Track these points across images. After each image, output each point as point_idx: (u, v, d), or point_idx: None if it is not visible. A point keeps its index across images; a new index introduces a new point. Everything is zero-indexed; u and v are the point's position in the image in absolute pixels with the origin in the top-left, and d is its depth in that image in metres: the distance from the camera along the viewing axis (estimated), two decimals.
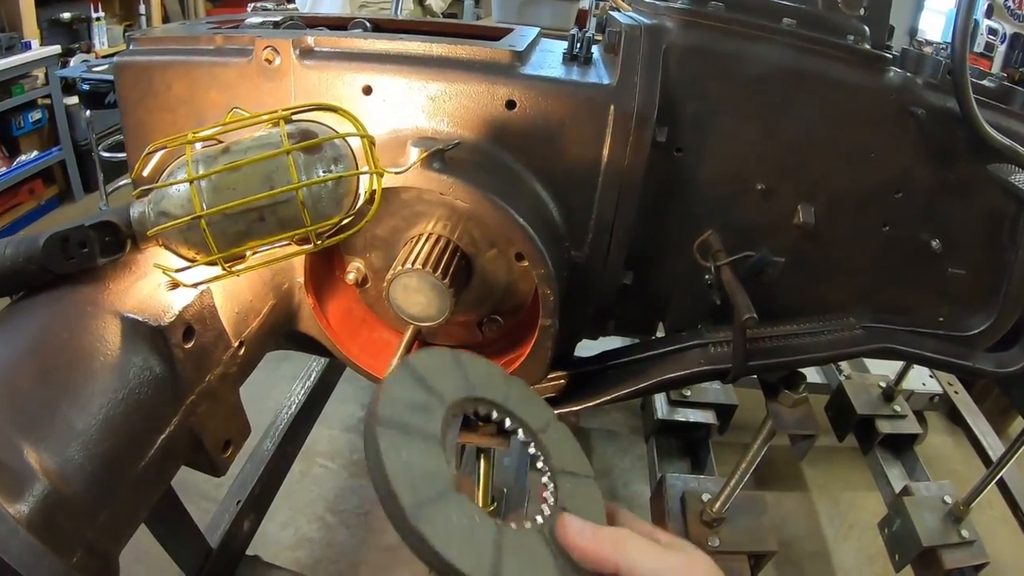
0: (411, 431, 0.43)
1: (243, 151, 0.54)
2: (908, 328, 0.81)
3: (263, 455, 1.23)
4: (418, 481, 0.40)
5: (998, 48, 2.67)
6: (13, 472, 0.46)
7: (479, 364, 0.52)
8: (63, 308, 0.55)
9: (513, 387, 0.53)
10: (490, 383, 0.51)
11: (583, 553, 0.42)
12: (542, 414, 0.53)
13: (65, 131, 2.94)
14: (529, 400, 0.53)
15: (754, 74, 0.71)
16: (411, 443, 0.42)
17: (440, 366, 0.49)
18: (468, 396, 0.49)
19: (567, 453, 0.51)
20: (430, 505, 0.40)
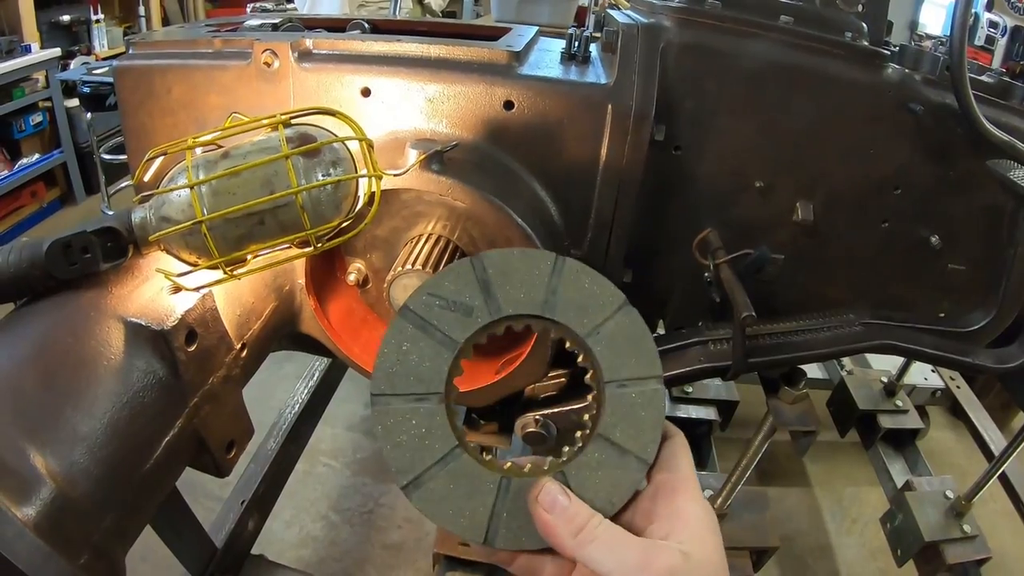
0: (430, 330, 0.42)
1: (243, 156, 0.55)
2: (908, 324, 0.81)
3: (267, 455, 1.24)
4: (398, 380, 0.41)
5: (999, 41, 2.66)
6: (20, 476, 0.47)
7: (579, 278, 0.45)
8: (67, 313, 0.56)
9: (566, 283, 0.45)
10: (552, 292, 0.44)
11: (545, 530, 0.40)
12: (597, 308, 0.45)
13: (66, 133, 2.96)
14: (584, 290, 0.45)
15: (751, 71, 0.71)
16: (422, 341, 0.42)
17: (524, 270, 0.44)
18: (540, 314, 0.44)
19: (623, 352, 0.44)
20: (397, 398, 0.41)
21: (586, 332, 0.44)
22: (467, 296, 0.43)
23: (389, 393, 0.42)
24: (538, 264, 0.45)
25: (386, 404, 0.41)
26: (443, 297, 0.43)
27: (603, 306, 0.46)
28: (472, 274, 0.44)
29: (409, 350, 0.42)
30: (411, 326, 0.42)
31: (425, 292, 0.43)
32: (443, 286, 0.43)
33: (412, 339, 0.42)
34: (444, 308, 0.43)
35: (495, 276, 0.43)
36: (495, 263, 0.44)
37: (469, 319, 0.43)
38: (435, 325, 0.43)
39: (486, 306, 0.43)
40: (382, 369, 0.42)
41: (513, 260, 0.44)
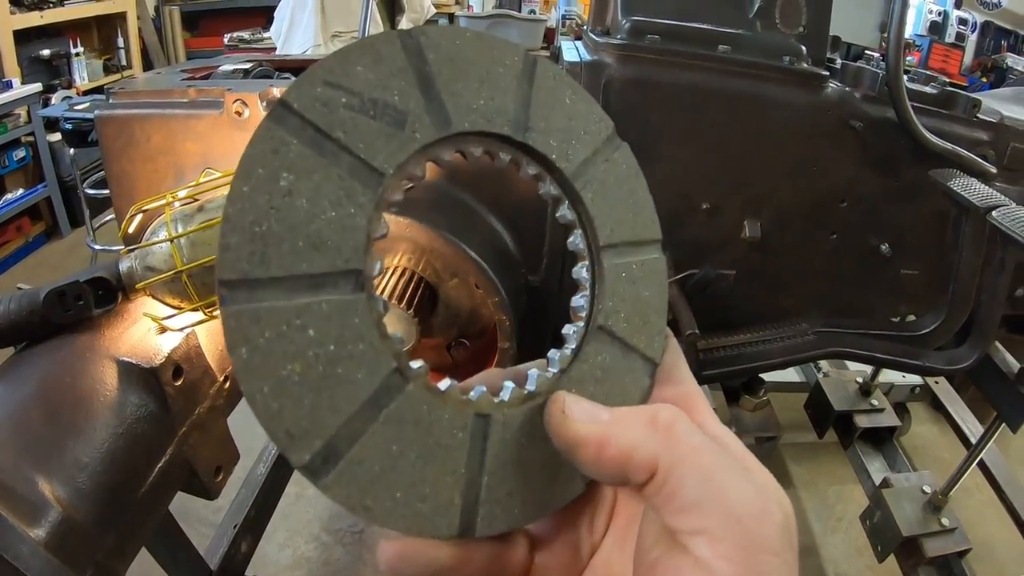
0: (331, 152, 0.26)
1: (216, 209, 0.65)
2: (860, 331, 0.90)
3: (257, 479, 1.35)
4: (274, 248, 0.24)
5: (969, 37, 2.75)
6: (30, 501, 0.58)
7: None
8: (64, 355, 0.66)
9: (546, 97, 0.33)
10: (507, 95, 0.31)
11: (596, 456, 0.27)
12: (583, 136, 0.34)
13: (50, 168, 3.10)
14: (565, 109, 0.33)
15: (692, 101, 0.81)
16: (319, 172, 0.25)
17: (483, 64, 0.30)
18: (459, 131, 0.30)
19: (618, 203, 0.34)
20: (275, 287, 0.24)
21: (573, 170, 0.33)
22: (395, 92, 0.27)
23: (258, 277, 0.24)
24: (503, 58, 0.31)
25: (253, 300, 0.24)
26: (353, 91, 0.26)
27: (590, 133, 0.34)
28: (403, 56, 0.28)
29: (294, 187, 0.25)
30: (296, 141, 0.25)
31: (321, 79, 0.26)
32: (353, 73, 0.27)
33: (298, 165, 0.25)
34: (356, 111, 0.26)
35: (439, 66, 0.29)
36: (438, 47, 0.29)
37: (400, 133, 0.27)
38: (340, 141, 0.26)
39: (426, 112, 0.28)
40: (240, 227, 0.24)
41: (467, 47, 0.30)
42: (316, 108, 0.26)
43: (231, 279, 0.23)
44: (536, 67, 0.33)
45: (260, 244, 0.24)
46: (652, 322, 0.34)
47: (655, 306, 0.34)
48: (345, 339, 0.25)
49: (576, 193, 0.33)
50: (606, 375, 0.32)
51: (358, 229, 0.26)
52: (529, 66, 0.32)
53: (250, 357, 0.23)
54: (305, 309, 0.24)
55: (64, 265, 2.99)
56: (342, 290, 0.25)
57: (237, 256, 0.24)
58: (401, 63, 0.28)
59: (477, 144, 0.31)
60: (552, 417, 0.29)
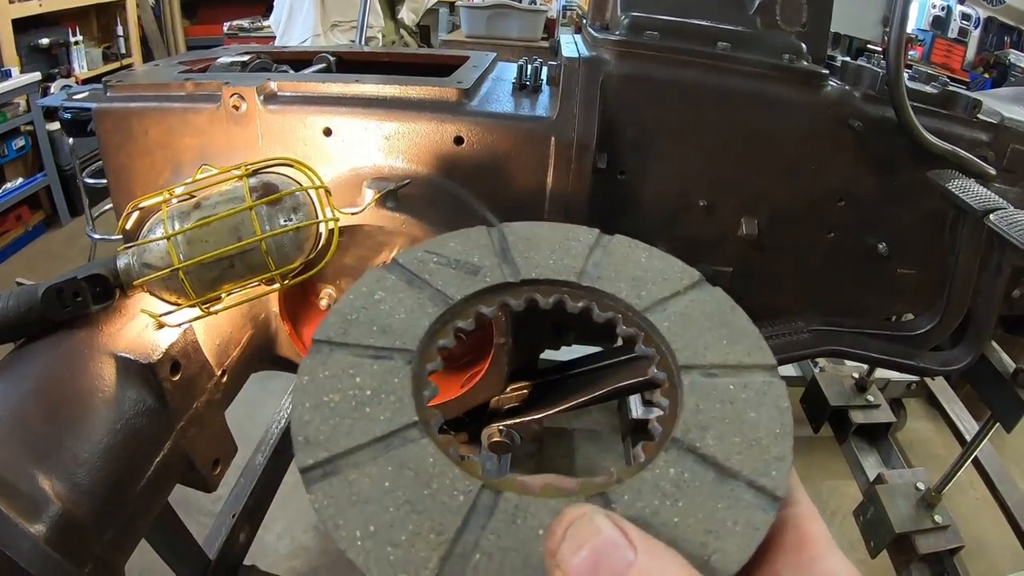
0: (418, 284, 0.34)
1: (212, 206, 0.66)
2: (855, 330, 0.90)
3: (255, 469, 1.36)
4: (355, 328, 0.32)
5: (972, 33, 2.74)
6: (30, 498, 0.58)
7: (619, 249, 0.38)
8: (63, 352, 0.67)
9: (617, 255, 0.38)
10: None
11: None
12: (661, 282, 0.37)
13: (49, 157, 3.11)
14: (640, 265, 0.37)
15: (689, 98, 0.81)
16: (403, 293, 0.34)
17: (555, 240, 0.37)
18: (526, 279, 0.36)
19: (705, 330, 0.35)
20: (345, 348, 0.32)
21: (645, 306, 0.35)
22: (476, 255, 0.36)
23: (337, 341, 0.32)
24: (577, 235, 0.38)
25: (326, 353, 0.31)
26: (444, 255, 0.36)
27: (669, 280, 0.37)
28: (487, 236, 0.36)
29: (383, 300, 0.33)
30: (393, 277, 0.34)
31: (423, 248, 0.36)
32: (447, 246, 0.36)
33: (391, 289, 0.34)
34: (443, 265, 0.35)
35: (516, 241, 0.36)
36: (517, 231, 0.37)
37: (473, 278, 0.35)
38: (426, 280, 0.34)
39: (500, 267, 0.35)
40: (338, 314, 0.33)
41: (543, 230, 0.37)
42: (414, 262, 0.35)
43: (320, 339, 0.32)
44: (610, 240, 0.39)
45: (346, 325, 0.33)
46: (763, 445, 0.29)
47: (767, 429, 0.30)
48: (381, 389, 0.30)
49: (651, 325, 0.35)
50: (681, 492, 0.27)
51: (421, 327, 0.33)
52: (603, 240, 0.38)
53: (308, 384, 0.30)
54: (359, 364, 0.31)
55: (63, 254, 2.99)
56: (395, 360, 0.31)
57: (329, 327, 0.32)
58: (485, 240, 0.36)
59: (548, 292, 0.36)
60: (550, 537, 0.24)
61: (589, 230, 0.38)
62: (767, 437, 0.30)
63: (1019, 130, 0.90)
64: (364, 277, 0.34)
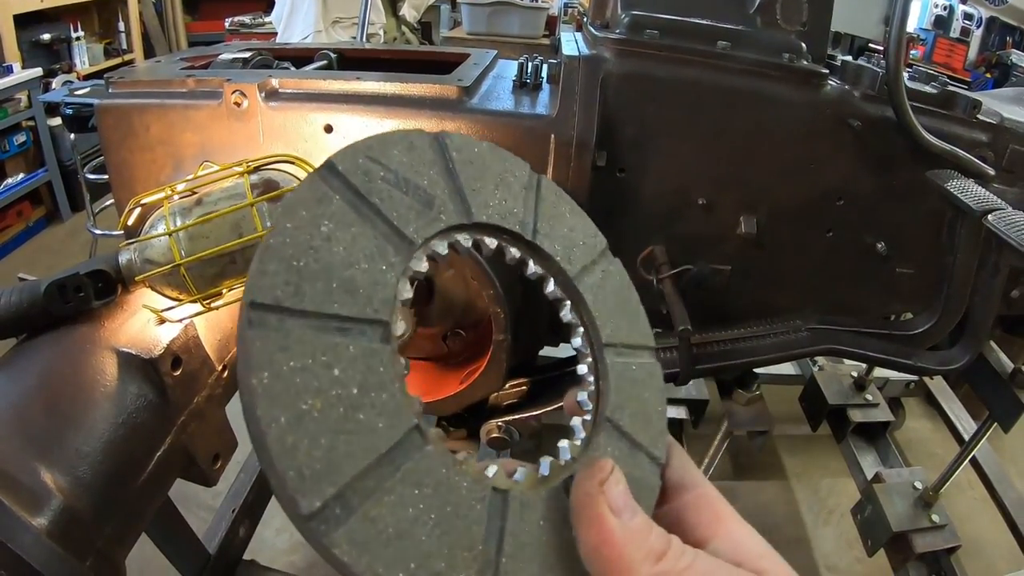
0: (368, 214, 0.28)
1: (214, 202, 0.66)
2: (853, 329, 0.91)
3: (255, 464, 1.36)
4: (309, 282, 0.25)
5: (974, 33, 2.74)
6: (32, 491, 0.59)
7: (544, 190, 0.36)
8: (65, 346, 0.67)
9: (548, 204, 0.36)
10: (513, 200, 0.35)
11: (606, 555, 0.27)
12: (580, 248, 0.37)
13: (50, 152, 3.11)
14: (566, 221, 0.37)
15: (689, 97, 0.81)
16: (357, 227, 0.27)
17: (496, 171, 0.34)
18: (478, 221, 0.33)
19: (613, 309, 0.36)
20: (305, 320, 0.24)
21: (575, 274, 0.35)
22: (425, 177, 0.31)
23: (290, 307, 0.24)
24: (513, 169, 0.35)
25: (283, 328, 0.23)
26: (390, 168, 0.29)
27: (588, 246, 0.37)
28: (432, 151, 0.32)
29: (333, 235, 0.26)
30: (338, 197, 0.27)
31: (364, 154, 0.29)
32: (390, 154, 0.30)
33: (339, 218, 0.27)
34: (392, 185, 0.29)
35: (461, 165, 0.32)
36: (460, 147, 0.33)
37: (429, 212, 0.30)
38: (378, 207, 0.28)
39: (451, 201, 0.31)
40: (280, 257, 0.24)
41: (483, 153, 0.34)
42: (358, 175, 0.29)
43: (263, 302, 0.23)
44: (540, 182, 0.36)
45: (296, 277, 0.24)
46: (654, 423, 0.35)
47: (655, 408, 0.35)
48: (369, 386, 0.24)
49: (579, 295, 0.35)
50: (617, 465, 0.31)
51: (388, 285, 0.27)
52: (534, 181, 0.36)
53: (271, 383, 0.22)
54: (332, 348, 0.24)
55: (65, 249, 3.00)
56: (369, 338, 0.25)
57: (272, 283, 0.24)
58: (430, 156, 0.32)
59: (492, 237, 0.34)
60: (584, 483, 0.29)
61: (522, 164, 0.36)
62: (654, 415, 0.35)
63: (1018, 131, 0.91)
64: (299, 191, 0.26)
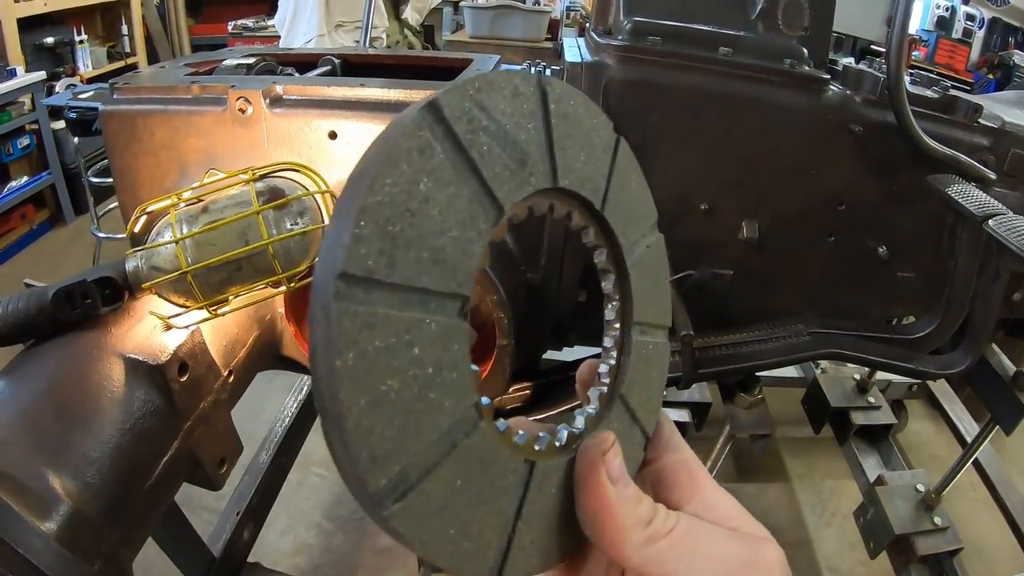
0: (467, 169, 0.26)
1: (220, 210, 0.67)
2: (855, 332, 0.91)
3: (259, 467, 1.37)
4: (402, 253, 0.23)
5: (976, 34, 2.74)
6: (41, 496, 0.59)
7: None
8: (72, 352, 0.68)
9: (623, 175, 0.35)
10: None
11: (602, 519, 0.29)
12: (637, 220, 0.36)
13: (54, 155, 3.11)
14: (631, 191, 0.36)
15: (691, 103, 0.82)
16: (454, 185, 0.25)
17: (585, 131, 0.32)
18: (561, 186, 0.31)
19: (649, 286, 0.36)
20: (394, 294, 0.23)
21: (627, 246, 0.35)
22: (523, 133, 0.28)
23: (381, 279, 0.22)
24: (599, 128, 0.33)
25: (370, 304, 0.22)
26: (494, 118, 0.27)
27: (643, 219, 0.36)
28: (534, 101, 0.29)
29: (431, 195, 0.24)
30: (440, 148, 0.25)
31: (470, 97, 0.27)
32: (495, 100, 0.28)
33: (438, 175, 0.25)
34: (492, 137, 0.27)
35: (557, 119, 0.30)
36: (560, 98, 0.31)
37: (521, 173, 0.28)
38: (476, 163, 0.26)
39: (543, 161, 0.29)
40: (376, 219, 0.22)
41: (578, 106, 0.32)
42: (463, 122, 0.26)
43: (355, 274, 0.22)
44: (619, 146, 0.35)
45: (390, 245, 0.22)
46: (653, 401, 0.36)
47: (657, 387, 0.36)
48: (443, 364, 0.24)
49: (626, 270, 0.34)
50: (620, 440, 0.32)
51: (474, 256, 0.26)
52: (613, 143, 0.35)
53: (356, 364, 0.21)
54: (416, 325, 0.23)
55: (69, 252, 3.01)
56: (449, 313, 0.24)
57: (367, 251, 0.22)
58: (532, 106, 0.29)
59: (565, 202, 0.32)
60: (589, 452, 0.30)
61: (606, 122, 0.34)
62: (655, 394, 0.36)
63: (1020, 134, 0.91)
64: (404, 140, 0.23)
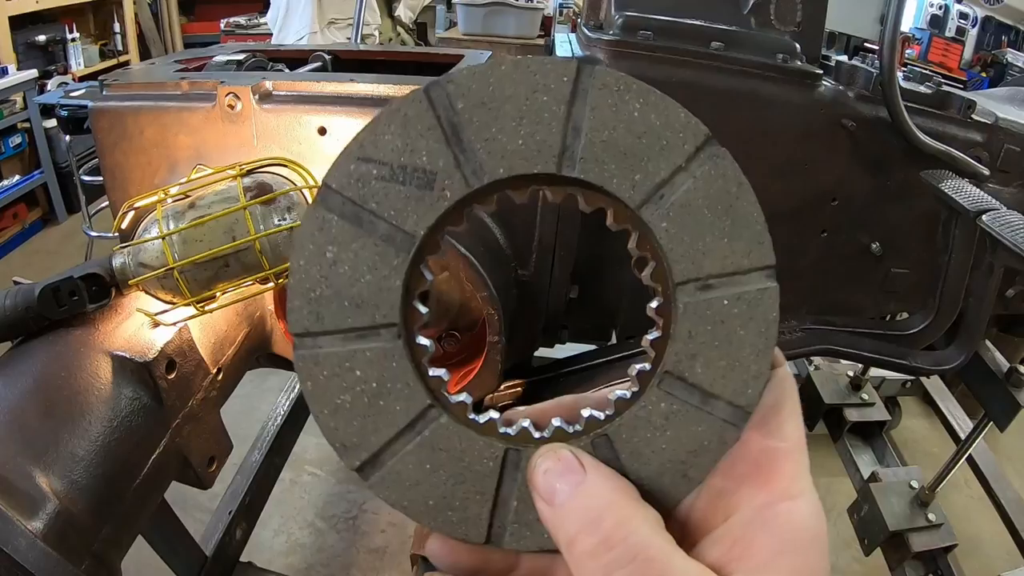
0: (367, 222, 0.29)
1: (207, 206, 0.66)
2: (848, 329, 0.91)
3: (252, 466, 1.36)
4: (327, 308, 0.29)
5: (969, 32, 2.76)
6: (28, 495, 0.59)
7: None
8: (59, 350, 0.68)
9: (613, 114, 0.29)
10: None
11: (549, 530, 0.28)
12: (660, 151, 0.30)
13: (46, 154, 3.11)
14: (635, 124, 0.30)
15: (683, 98, 0.81)
16: (357, 242, 0.29)
17: (520, 95, 0.29)
18: (494, 179, 0.29)
19: (707, 226, 0.30)
20: (329, 338, 0.29)
21: (641, 198, 0.29)
22: (423, 153, 0.28)
23: (317, 331, 0.29)
24: (546, 82, 0.29)
25: (314, 348, 0.29)
26: (383, 161, 0.28)
27: (669, 149, 0.30)
28: (430, 114, 0.28)
29: (337, 257, 0.29)
30: (336, 217, 0.29)
31: (356, 155, 0.29)
32: (382, 141, 0.28)
33: (339, 239, 0.29)
34: (388, 180, 0.28)
35: (470, 113, 0.28)
36: (469, 91, 0.28)
37: (430, 194, 0.28)
38: (373, 211, 0.29)
39: (457, 167, 0.28)
40: (300, 292, 0.29)
41: (502, 82, 0.28)
42: (351, 184, 0.29)
43: (297, 332, 0.30)
44: (590, 81, 0.29)
45: (315, 306, 0.30)
46: (744, 365, 0.29)
47: (752, 345, 0.29)
48: (385, 379, 0.30)
49: (644, 224, 0.29)
50: (670, 424, 0.29)
51: (393, 289, 0.29)
52: (581, 84, 0.29)
53: (314, 389, 0.30)
54: (353, 355, 0.30)
55: (61, 251, 3.00)
56: (384, 339, 0.30)
57: (300, 316, 0.30)
58: (429, 121, 0.28)
59: (521, 188, 0.30)
60: (529, 470, 0.29)
61: (561, 67, 0.28)
62: (750, 355, 0.29)
63: (1013, 130, 0.91)
64: (305, 226, 0.29)
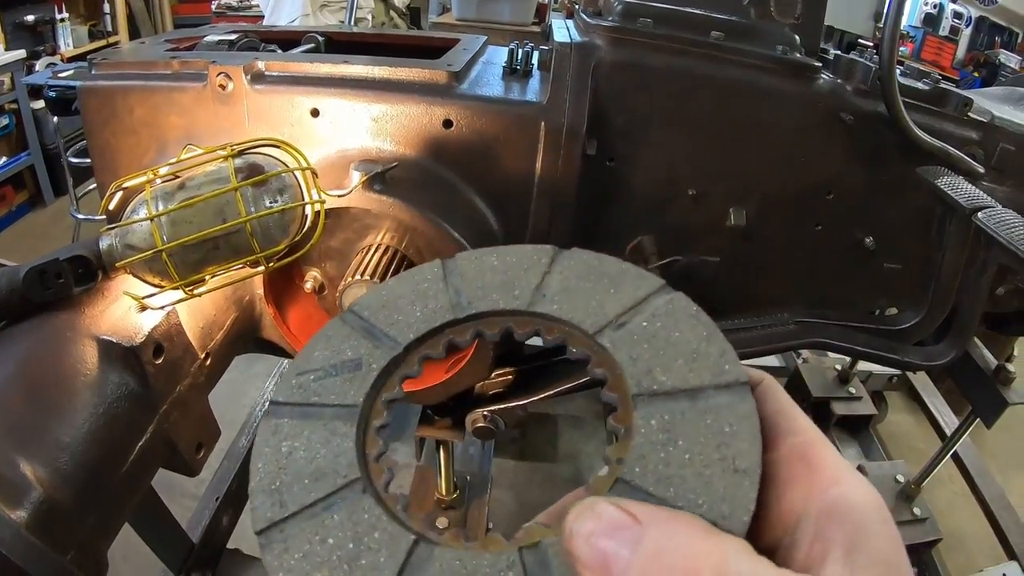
0: (314, 413, 0.33)
1: (197, 187, 0.65)
2: (841, 323, 0.91)
3: (239, 452, 1.36)
4: (288, 492, 0.31)
5: (963, 31, 2.77)
6: (12, 483, 0.58)
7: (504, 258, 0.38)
8: (44, 334, 0.66)
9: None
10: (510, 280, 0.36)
11: None
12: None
13: (33, 136, 3.06)
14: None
15: (681, 87, 0.81)
16: (307, 429, 0.33)
17: (395, 296, 0.38)
18: (453, 319, 0.36)
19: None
20: (295, 520, 0.30)
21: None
22: (348, 350, 0.35)
23: (281, 518, 0.30)
24: (422, 275, 0.38)
25: (282, 537, 0.29)
26: (317, 368, 0.35)
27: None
28: (344, 327, 0.36)
29: (292, 449, 0.32)
30: (286, 421, 0.33)
31: (294, 374, 0.35)
32: (313, 358, 0.36)
33: (291, 433, 0.33)
34: (324, 377, 0.35)
35: (374, 314, 0.37)
36: (368, 304, 0.38)
37: (359, 372, 0.35)
38: (317, 402, 0.34)
39: (375, 348, 0.35)
40: (261, 490, 0.31)
41: (393, 290, 0.38)
42: (295, 393, 0.34)
43: (262, 528, 0.30)
44: (455, 267, 0.38)
45: (277, 496, 0.31)
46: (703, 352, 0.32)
47: (696, 337, 0.32)
48: (360, 534, 0.29)
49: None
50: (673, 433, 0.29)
51: (347, 451, 0.32)
52: (449, 276, 0.38)
53: (288, 574, 0.29)
54: (320, 526, 0.30)
55: (48, 234, 2.95)
56: (350, 497, 0.30)
57: (264, 510, 0.31)
58: (346, 331, 0.36)
59: (433, 342, 0.36)
60: (566, 541, 0.25)
61: (434, 267, 0.38)
62: (701, 344, 0.32)
63: (1008, 129, 0.91)
64: (259, 438, 0.33)
